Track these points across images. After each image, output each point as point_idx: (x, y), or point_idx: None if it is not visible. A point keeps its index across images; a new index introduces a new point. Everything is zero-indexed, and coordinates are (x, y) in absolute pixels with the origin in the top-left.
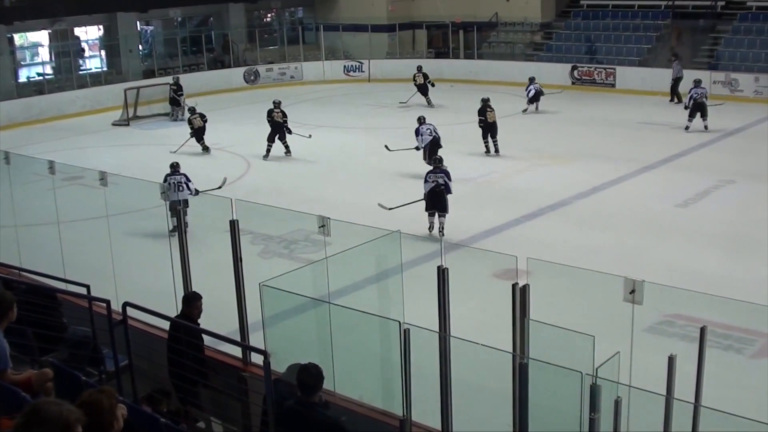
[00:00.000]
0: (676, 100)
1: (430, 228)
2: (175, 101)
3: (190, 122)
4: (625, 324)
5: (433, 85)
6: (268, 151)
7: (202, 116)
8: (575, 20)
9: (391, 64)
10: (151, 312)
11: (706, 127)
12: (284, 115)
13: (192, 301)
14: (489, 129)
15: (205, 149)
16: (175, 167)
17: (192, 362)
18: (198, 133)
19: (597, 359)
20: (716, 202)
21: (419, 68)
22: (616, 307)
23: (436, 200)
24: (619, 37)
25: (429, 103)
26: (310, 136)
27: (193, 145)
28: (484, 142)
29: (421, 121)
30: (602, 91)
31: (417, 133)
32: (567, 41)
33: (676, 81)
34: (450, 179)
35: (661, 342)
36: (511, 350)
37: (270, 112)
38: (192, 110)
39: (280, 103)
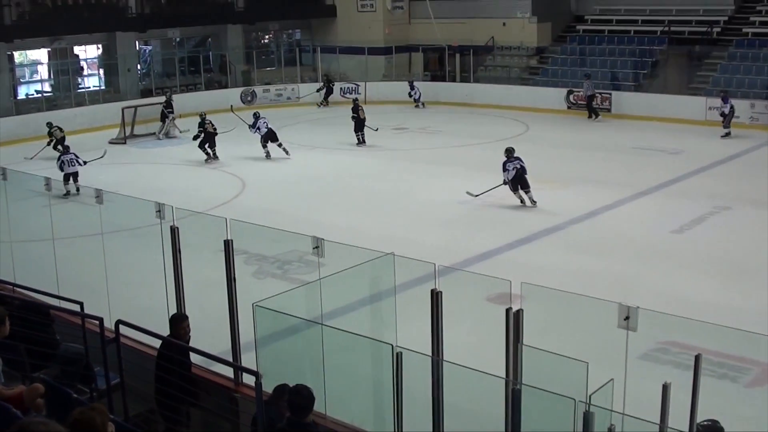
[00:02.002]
0: (593, 115)
1: (522, 201)
2: (162, 116)
3: (202, 127)
4: (619, 350)
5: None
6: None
7: (212, 124)
8: (571, 45)
9: (388, 87)
10: (144, 330)
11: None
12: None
13: (178, 322)
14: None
15: (215, 156)
16: (66, 148)
17: (181, 382)
18: (209, 139)
19: (590, 386)
20: (712, 228)
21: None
22: (611, 333)
23: (522, 180)
24: (615, 62)
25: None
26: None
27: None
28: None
29: (511, 153)
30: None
31: (504, 167)
32: (563, 66)
33: (590, 98)
34: (523, 161)
35: (656, 369)
36: (504, 375)
37: (202, 123)
38: (202, 117)
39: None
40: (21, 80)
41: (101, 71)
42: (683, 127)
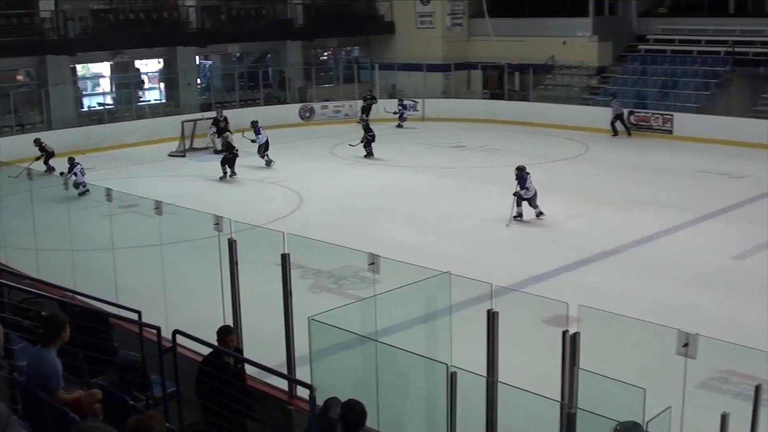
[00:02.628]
0: (622, 132)
1: (520, 216)
2: (220, 131)
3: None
4: (677, 378)
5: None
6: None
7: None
8: (633, 65)
9: (446, 104)
10: (201, 341)
11: None
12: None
13: (225, 335)
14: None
15: (232, 174)
16: (72, 161)
17: (237, 393)
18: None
19: (647, 413)
20: None
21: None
22: (669, 360)
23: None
24: (676, 83)
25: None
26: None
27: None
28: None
29: (522, 170)
30: (659, 138)
31: (524, 183)
32: (624, 86)
33: (617, 117)
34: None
35: (714, 398)
36: (559, 399)
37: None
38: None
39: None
40: (83, 93)
41: (162, 85)
42: (747, 151)
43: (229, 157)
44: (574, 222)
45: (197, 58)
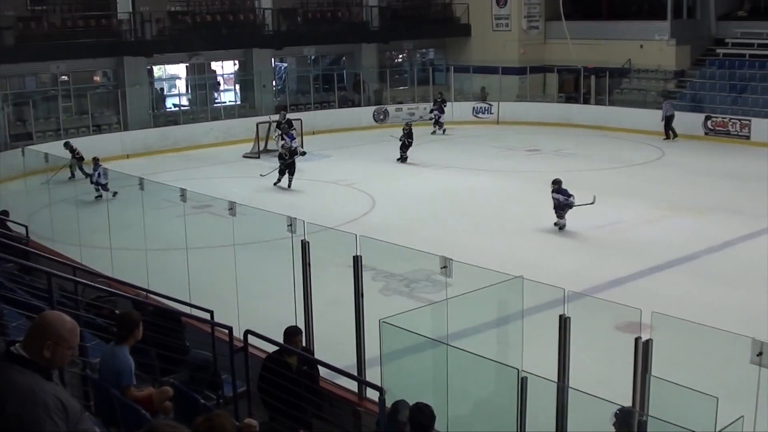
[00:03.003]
0: (671, 136)
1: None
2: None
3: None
4: (751, 388)
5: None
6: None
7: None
8: (710, 69)
9: (521, 107)
10: (272, 341)
11: None
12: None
13: (292, 336)
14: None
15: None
16: (96, 161)
17: (309, 394)
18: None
19: (719, 422)
20: None
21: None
22: (743, 369)
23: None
24: (755, 87)
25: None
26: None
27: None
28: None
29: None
30: (736, 143)
31: (567, 199)
32: (701, 90)
33: (668, 119)
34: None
35: None
36: (630, 406)
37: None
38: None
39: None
40: (164, 95)
41: (237, 87)
42: None
43: (289, 162)
44: (648, 227)
45: (273, 60)
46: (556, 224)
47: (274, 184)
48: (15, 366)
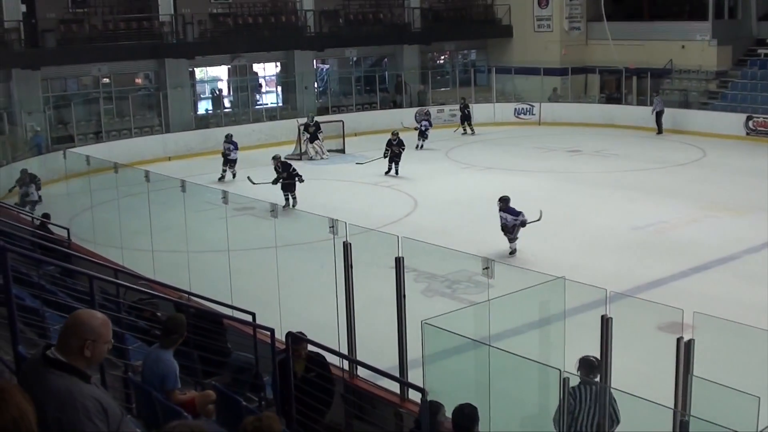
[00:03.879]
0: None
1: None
2: (312, 137)
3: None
4: None
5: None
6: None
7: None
8: (752, 69)
9: (563, 108)
10: (314, 343)
11: None
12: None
13: (294, 343)
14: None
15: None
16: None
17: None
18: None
19: (761, 422)
20: None
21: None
22: None
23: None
24: None
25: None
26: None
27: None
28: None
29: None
30: None
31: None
32: (743, 90)
33: (659, 114)
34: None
35: None
36: (672, 406)
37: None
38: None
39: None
40: (201, 96)
41: (279, 88)
42: None
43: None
44: (690, 228)
45: (314, 62)
46: (510, 252)
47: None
48: (53, 370)
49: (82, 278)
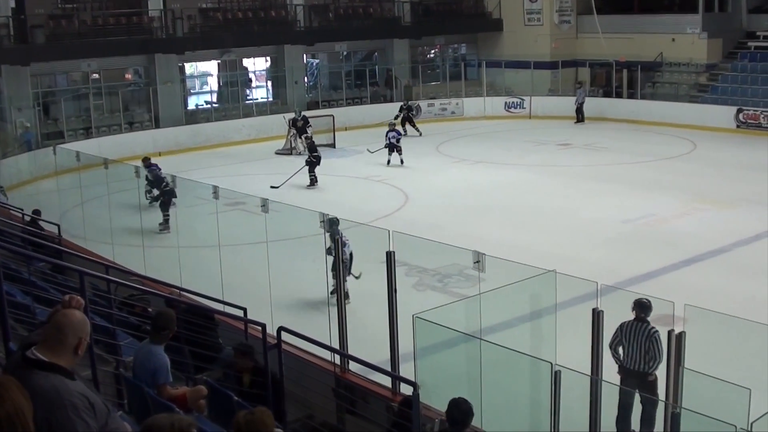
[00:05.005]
0: (580, 119)
1: None
2: (300, 132)
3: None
4: None
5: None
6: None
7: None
8: (742, 62)
9: (553, 102)
10: (306, 338)
11: None
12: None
13: (239, 356)
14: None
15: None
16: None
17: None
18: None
19: (752, 413)
20: None
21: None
22: None
23: None
24: None
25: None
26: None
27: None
28: None
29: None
30: None
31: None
32: (733, 83)
33: (580, 105)
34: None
35: None
36: (664, 398)
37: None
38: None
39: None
40: (191, 91)
41: (269, 83)
42: None
43: (313, 161)
44: (681, 220)
45: (304, 56)
46: None
47: (308, 186)
48: (36, 371)
49: (73, 274)
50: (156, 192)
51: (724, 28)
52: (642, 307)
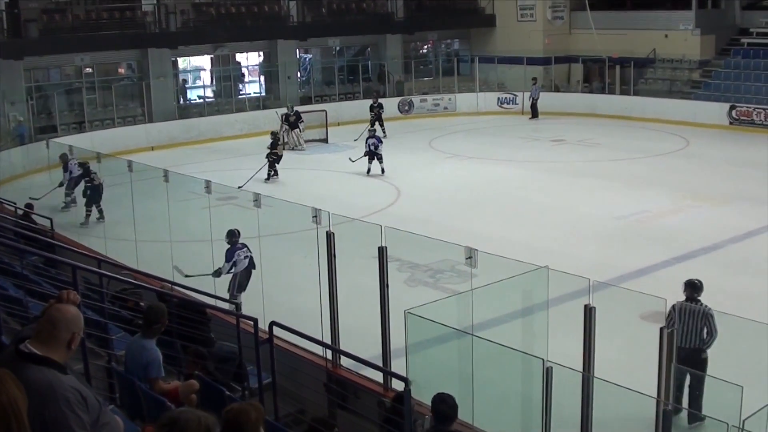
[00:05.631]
0: (533, 115)
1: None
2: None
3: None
4: None
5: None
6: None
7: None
8: (735, 58)
9: (546, 98)
10: (297, 332)
11: None
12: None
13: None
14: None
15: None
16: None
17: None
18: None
19: (744, 411)
20: None
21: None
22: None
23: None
24: None
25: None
26: None
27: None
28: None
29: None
30: (761, 133)
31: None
32: (726, 80)
33: (534, 101)
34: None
35: None
36: (655, 395)
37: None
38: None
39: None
40: (185, 85)
41: (262, 78)
42: None
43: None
44: (673, 217)
45: (297, 51)
46: None
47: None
48: (29, 364)
49: (66, 268)
50: (73, 195)
51: (717, 24)
52: (694, 287)
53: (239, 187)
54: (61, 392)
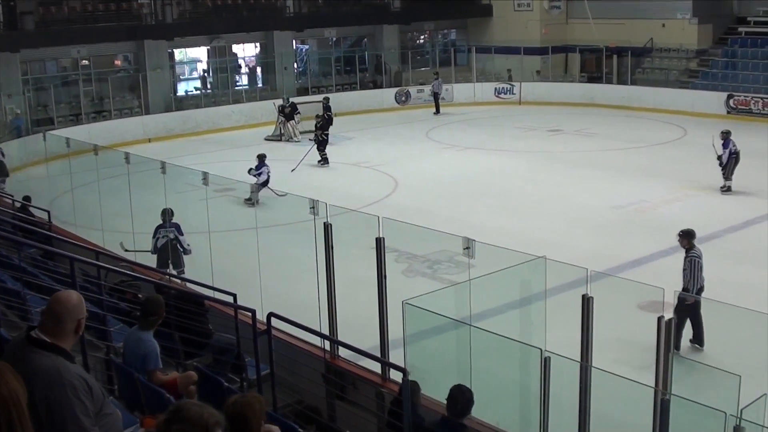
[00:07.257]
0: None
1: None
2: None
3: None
4: None
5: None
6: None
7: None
8: (733, 47)
9: (543, 87)
10: (295, 324)
11: None
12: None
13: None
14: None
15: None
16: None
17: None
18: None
19: (742, 400)
20: None
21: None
22: (765, 347)
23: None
24: None
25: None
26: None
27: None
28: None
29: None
30: (759, 122)
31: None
32: (724, 69)
33: (436, 95)
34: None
35: None
36: (653, 385)
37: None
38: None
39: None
40: (180, 77)
41: (258, 69)
42: None
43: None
44: (671, 207)
45: (294, 42)
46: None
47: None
48: (38, 351)
49: (64, 260)
50: None
51: (715, 13)
52: (692, 235)
53: (292, 170)
54: (69, 378)
